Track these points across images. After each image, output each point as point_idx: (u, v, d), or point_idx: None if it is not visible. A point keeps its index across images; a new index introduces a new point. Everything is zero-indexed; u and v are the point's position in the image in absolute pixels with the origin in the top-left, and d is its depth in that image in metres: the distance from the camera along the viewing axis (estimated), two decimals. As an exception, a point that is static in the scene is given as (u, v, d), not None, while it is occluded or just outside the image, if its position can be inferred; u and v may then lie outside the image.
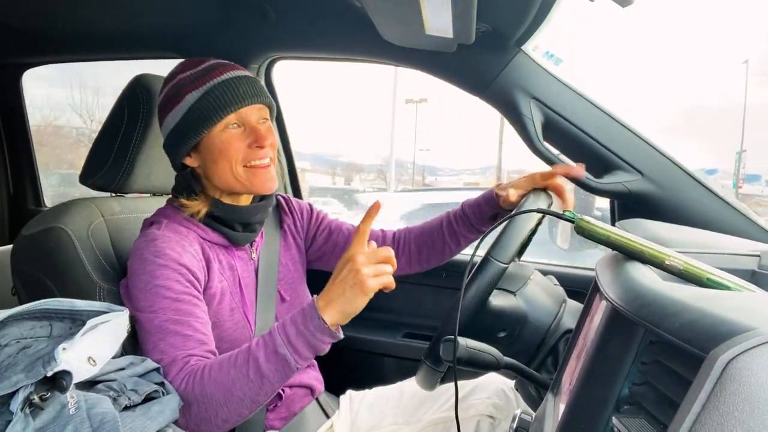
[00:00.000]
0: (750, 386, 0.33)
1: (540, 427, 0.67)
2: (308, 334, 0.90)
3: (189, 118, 1.07)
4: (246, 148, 1.08)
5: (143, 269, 1.02)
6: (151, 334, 0.98)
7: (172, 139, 1.11)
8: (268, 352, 0.91)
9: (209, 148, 1.09)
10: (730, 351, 0.35)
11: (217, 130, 1.07)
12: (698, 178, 1.25)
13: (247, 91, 1.07)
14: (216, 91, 1.06)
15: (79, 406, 0.75)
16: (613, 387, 0.47)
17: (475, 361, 0.89)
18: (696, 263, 0.58)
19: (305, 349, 0.91)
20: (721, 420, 0.34)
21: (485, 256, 0.98)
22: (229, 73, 1.09)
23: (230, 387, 0.90)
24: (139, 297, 1.01)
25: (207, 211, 1.12)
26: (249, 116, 1.09)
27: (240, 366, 0.91)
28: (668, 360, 0.43)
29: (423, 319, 1.73)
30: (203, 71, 1.09)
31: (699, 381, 0.36)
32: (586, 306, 0.74)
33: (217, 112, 1.05)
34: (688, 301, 0.42)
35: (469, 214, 1.31)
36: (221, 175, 1.10)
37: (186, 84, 1.08)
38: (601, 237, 0.66)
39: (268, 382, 0.91)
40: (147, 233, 1.07)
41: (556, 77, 1.31)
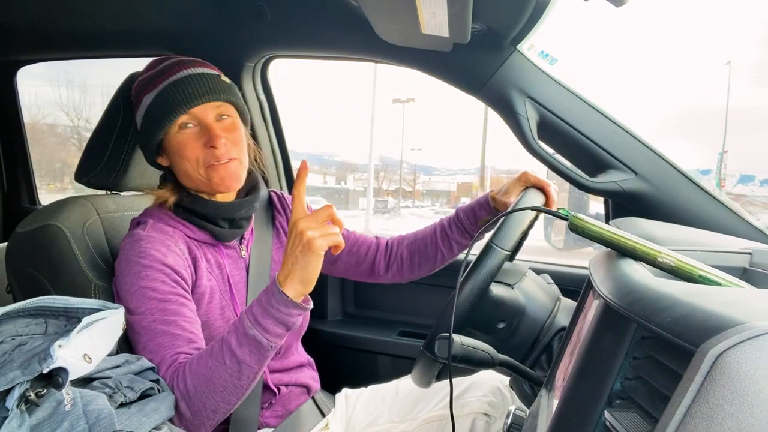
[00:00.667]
0: (739, 379, 0.34)
1: (534, 423, 0.68)
2: (273, 310, 0.89)
3: (145, 121, 1.08)
4: (202, 147, 1.07)
5: (128, 270, 1.02)
6: (140, 335, 0.99)
7: (140, 141, 1.13)
8: (239, 335, 0.90)
9: (170, 149, 1.09)
10: (719, 345, 0.35)
11: (173, 131, 1.07)
12: (691, 177, 1.26)
13: (198, 89, 1.05)
14: (166, 92, 1.05)
15: (74, 402, 0.75)
16: (605, 382, 0.47)
17: (470, 358, 0.89)
18: (688, 260, 0.58)
19: (274, 326, 0.90)
20: (710, 413, 0.35)
21: (488, 243, 0.99)
22: (182, 72, 1.06)
23: (210, 377, 0.90)
24: (127, 298, 1.01)
25: (175, 201, 1.11)
26: (204, 115, 1.07)
27: (216, 355, 0.91)
28: (660, 355, 0.43)
29: (418, 318, 1.74)
30: (158, 72, 1.08)
31: (689, 374, 0.36)
32: (579, 303, 0.74)
33: (167, 113, 1.04)
34: (678, 296, 0.42)
35: (464, 220, 1.32)
36: (185, 174, 1.10)
37: (143, 87, 1.09)
38: (594, 234, 0.67)
39: (246, 365, 0.90)
40: (132, 234, 1.07)
41: (551, 77, 1.32)
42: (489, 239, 1.01)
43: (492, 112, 1.37)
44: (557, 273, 1.57)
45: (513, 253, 1.23)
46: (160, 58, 1.12)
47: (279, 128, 1.81)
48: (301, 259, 0.88)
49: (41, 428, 0.72)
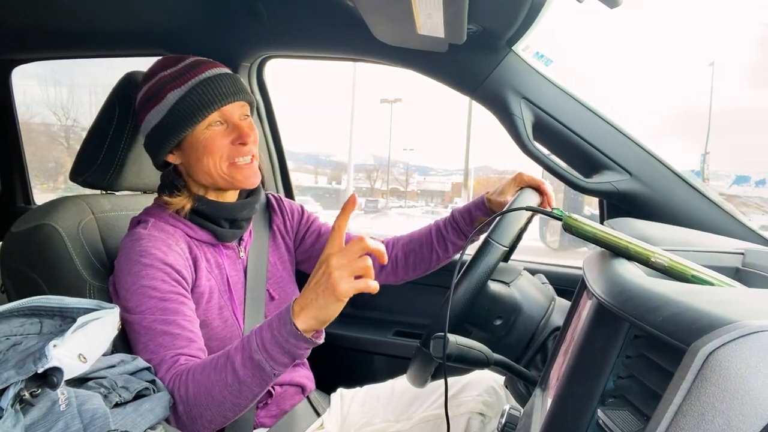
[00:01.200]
0: (730, 377, 0.34)
1: (528, 422, 0.68)
2: (282, 340, 0.86)
3: (172, 117, 1.07)
4: (229, 144, 1.09)
5: (129, 269, 1.02)
6: (140, 334, 0.99)
7: (155, 137, 1.11)
8: (244, 356, 0.89)
9: (193, 146, 1.09)
10: (711, 343, 0.36)
11: (201, 128, 1.08)
12: (686, 178, 1.27)
13: (230, 88, 1.08)
14: (199, 90, 1.06)
15: (69, 402, 0.75)
16: (598, 381, 0.47)
17: (465, 358, 0.90)
18: (681, 260, 0.59)
19: (280, 355, 0.87)
20: (701, 410, 0.35)
21: (485, 239, 0.99)
22: (210, 70, 1.09)
23: (211, 390, 0.90)
24: (127, 297, 1.01)
25: (191, 207, 1.12)
26: (232, 113, 1.09)
27: (219, 369, 0.90)
28: (652, 353, 0.44)
29: (414, 317, 1.74)
30: (184, 69, 1.09)
31: (681, 373, 0.36)
32: (573, 303, 0.75)
33: (200, 110, 1.06)
34: (670, 295, 0.43)
35: (459, 220, 1.32)
36: (206, 171, 1.10)
37: (167, 82, 1.08)
38: (588, 234, 0.67)
39: (246, 387, 0.89)
40: (133, 233, 1.07)
41: (546, 77, 1.32)
42: (486, 235, 1.02)
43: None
44: (552, 273, 1.57)
45: (508, 253, 1.23)
46: (176, 57, 1.12)
47: (275, 129, 1.81)
48: (322, 299, 0.84)
49: (36, 428, 0.72)
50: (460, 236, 1.32)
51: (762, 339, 0.35)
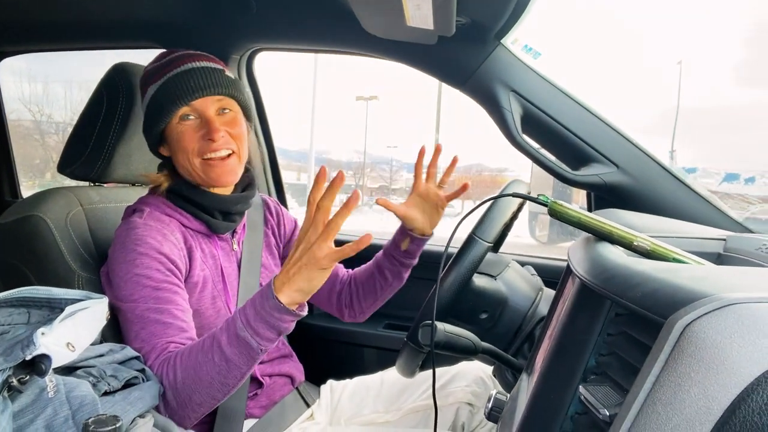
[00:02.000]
0: (705, 348, 0.35)
1: (514, 406, 0.69)
2: (266, 314, 0.87)
3: (149, 111, 1.10)
4: (200, 139, 1.08)
5: (124, 257, 1.02)
6: (132, 323, 0.99)
7: (144, 130, 1.14)
8: (230, 335, 0.89)
9: (170, 140, 1.11)
10: (687, 316, 0.37)
11: (174, 122, 1.08)
12: (671, 170, 1.29)
13: (201, 82, 1.06)
14: (170, 84, 1.07)
15: (58, 389, 0.75)
16: (580, 359, 0.48)
17: (453, 345, 0.91)
18: (663, 244, 0.60)
19: (266, 330, 0.88)
20: (678, 380, 0.36)
21: (469, 235, 1.00)
22: (187, 64, 1.08)
23: (198, 372, 0.90)
24: (120, 285, 1.01)
25: (168, 186, 1.12)
26: (205, 108, 1.08)
27: (206, 350, 0.90)
28: (632, 330, 0.45)
29: (404, 311, 1.74)
30: (164, 63, 1.10)
31: (658, 345, 0.37)
32: (559, 289, 0.76)
33: (169, 104, 1.06)
34: (649, 273, 0.44)
35: (388, 246, 1.27)
36: (182, 165, 1.11)
37: (149, 77, 1.10)
38: (573, 219, 0.68)
39: (234, 365, 0.89)
40: (128, 221, 1.07)
41: (534, 70, 1.33)
42: (471, 231, 1.03)
43: (467, 109, 1.39)
44: (541, 265, 1.58)
45: (496, 245, 1.24)
46: (167, 51, 1.13)
47: (265, 123, 1.81)
48: (305, 271, 0.85)
49: (24, 414, 0.72)
50: (393, 262, 1.26)
51: (736, 311, 0.36)
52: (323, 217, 0.83)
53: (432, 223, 1.23)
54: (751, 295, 0.37)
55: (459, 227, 0.91)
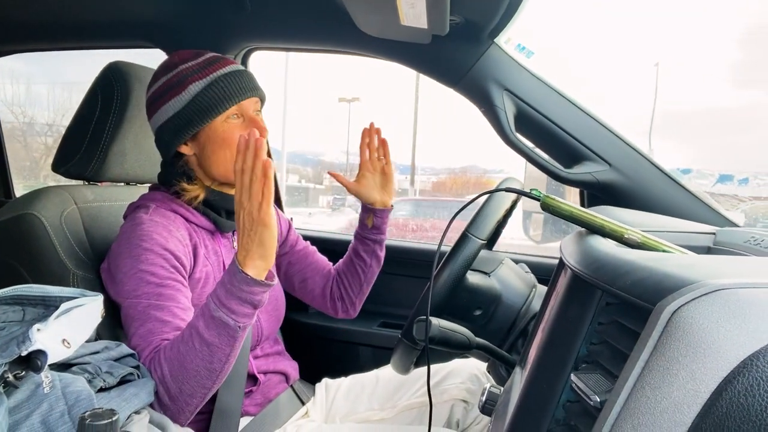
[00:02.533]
0: (693, 333, 0.36)
1: (507, 398, 0.70)
2: (236, 290, 0.89)
3: (193, 107, 1.09)
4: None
5: (129, 252, 1.02)
6: (133, 319, 0.99)
7: (171, 126, 1.11)
8: (206, 319, 0.90)
9: (211, 138, 1.11)
10: (675, 302, 0.37)
11: (220, 120, 1.10)
12: (662, 168, 1.30)
13: (248, 84, 1.12)
14: (221, 83, 1.09)
15: (53, 385, 0.75)
16: (572, 348, 0.49)
17: (448, 341, 0.91)
18: (652, 237, 0.61)
19: (240, 306, 0.90)
20: (666, 365, 0.37)
21: (463, 233, 1.01)
22: (230, 66, 1.13)
23: (183, 362, 0.91)
24: (124, 281, 1.01)
25: (204, 197, 1.14)
26: (248, 108, 1.13)
27: (186, 340, 0.91)
28: (623, 318, 0.45)
29: (399, 309, 1.75)
30: (206, 62, 1.12)
31: (647, 331, 0.38)
32: (551, 283, 0.76)
33: (222, 102, 1.09)
34: (638, 261, 0.44)
35: (356, 229, 1.36)
36: (221, 163, 1.12)
37: (189, 74, 1.10)
38: (565, 213, 0.69)
39: (216, 348, 0.90)
40: (134, 217, 1.07)
41: (527, 70, 1.35)
42: (465, 228, 1.04)
43: (460, 109, 1.40)
44: (535, 263, 1.59)
45: (490, 242, 1.25)
46: (194, 51, 1.14)
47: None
48: (254, 235, 0.88)
49: (20, 410, 0.72)
50: (365, 242, 1.35)
51: (723, 296, 0.37)
52: (247, 179, 0.87)
53: (387, 191, 1.34)
54: (737, 281, 0.37)
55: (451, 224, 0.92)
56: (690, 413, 0.35)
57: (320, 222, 10.62)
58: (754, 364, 0.34)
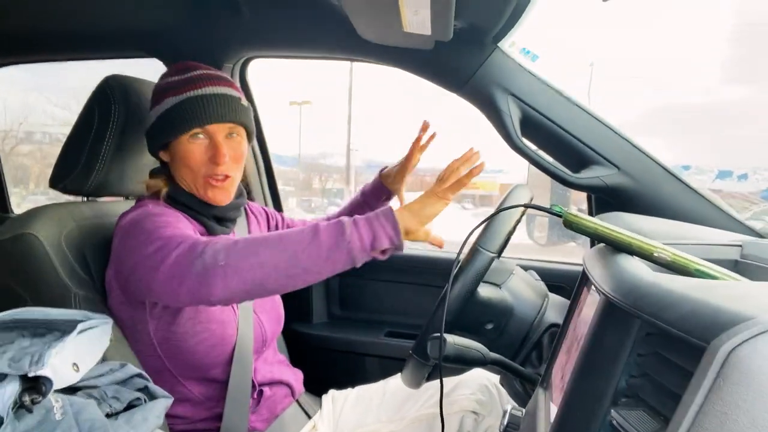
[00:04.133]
0: (752, 375, 0.34)
1: (532, 423, 0.67)
2: (374, 217, 0.94)
3: (162, 121, 1.11)
4: (206, 161, 1.11)
5: (147, 237, 0.99)
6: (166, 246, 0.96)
7: (148, 134, 1.16)
8: (330, 225, 0.93)
9: (176, 152, 1.13)
10: (731, 341, 0.35)
11: (185, 138, 1.10)
12: (673, 171, 1.28)
13: (219, 110, 1.10)
14: (190, 103, 1.09)
15: (65, 411, 0.72)
16: (609, 380, 0.47)
17: (463, 358, 0.89)
18: (683, 254, 0.58)
19: (366, 230, 0.92)
20: (724, 409, 0.34)
21: (474, 246, 0.99)
22: (209, 87, 1.11)
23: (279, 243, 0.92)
24: (148, 241, 0.98)
25: (167, 192, 1.14)
26: (216, 131, 1.11)
27: (301, 231, 0.94)
28: (667, 351, 0.43)
29: (405, 318, 1.73)
30: (186, 80, 1.11)
31: (701, 371, 0.36)
32: (573, 299, 0.74)
33: (185, 122, 1.09)
34: (684, 292, 0.42)
35: (369, 199, 1.42)
36: (183, 179, 1.14)
37: (169, 88, 1.12)
38: (589, 230, 0.67)
39: (316, 247, 0.91)
40: (139, 212, 1.06)
41: (533, 74, 1.32)
42: (475, 242, 1.02)
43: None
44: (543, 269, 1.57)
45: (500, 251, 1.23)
46: (193, 65, 1.15)
47: (260, 131, 1.78)
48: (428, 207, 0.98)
49: (30, 436, 0.69)
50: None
51: (783, 334, 0.34)
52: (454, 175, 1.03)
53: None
54: (798, 317, 0.35)
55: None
56: (752, 462, 0.33)
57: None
58: (821, 410, 0.31)
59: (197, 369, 1.12)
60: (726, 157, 3.53)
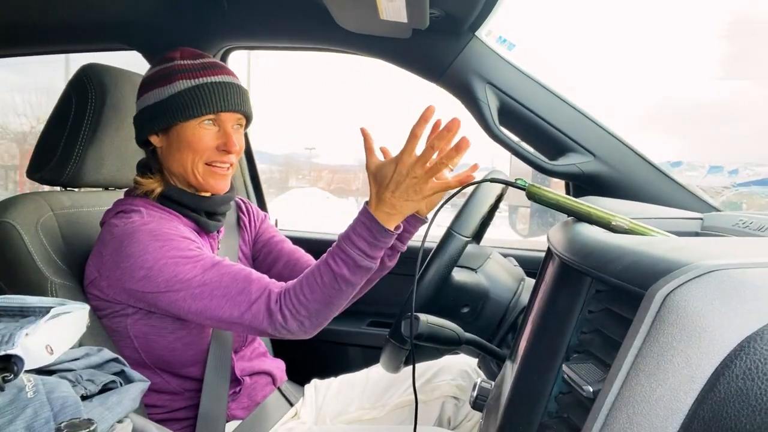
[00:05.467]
0: (687, 316, 0.35)
1: (498, 392, 0.68)
2: (380, 243, 0.97)
3: (173, 102, 1.08)
4: (214, 148, 1.10)
5: (144, 250, 0.99)
6: (200, 297, 0.98)
7: (147, 114, 1.12)
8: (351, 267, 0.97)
9: (180, 136, 1.10)
10: (667, 285, 0.36)
11: (195, 122, 1.09)
12: (647, 158, 1.30)
13: (235, 99, 1.11)
14: (208, 88, 1.08)
15: (37, 389, 0.72)
16: (562, 337, 0.48)
17: (437, 336, 0.90)
18: (641, 223, 0.60)
19: (379, 252, 0.98)
20: (660, 351, 0.35)
21: (447, 230, 1.00)
22: (224, 76, 1.12)
23: (329, 302, 0.99)
24: (151, 277, 0.99)
25: (161, 192, 1.12)
26: (227, 121, 1.11)
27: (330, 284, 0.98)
28: (614, 305, 0.44)
29: (388, 308, 1.73)
30: (201, 65, 1.11)
31: (639, 316, 0.37)
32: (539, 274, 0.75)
33: (201, 107, 1.08)
34: (628, 246, 0.43)
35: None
36: (181, 164, 1.11)
37: (182, 71, 1.10)
38: (551, 201, 0.68)
39: (357, 285, 0.99)
40: (132, 221, 1.04)
41: (509, 62, 1.34)
42: (449, 226, 1.02)
43: (446, 108, 1.38)
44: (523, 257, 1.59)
45: (477, 236, 1.24)
46: (198, 53, 1.16)
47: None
48: (411, 201, 0.94)
49: (2, 414, 0.69)
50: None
51: (716, 278, 0.36)
52: (428, 156, 0.92)
53: (430, 202, 1.09)
54: (730, 262, 0.36)
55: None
56: (687, 400, 0.34)
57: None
58: (751, 347, 0.33)
59: (174, 364, 1.11)
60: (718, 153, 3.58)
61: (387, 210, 0.95)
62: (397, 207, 0.94)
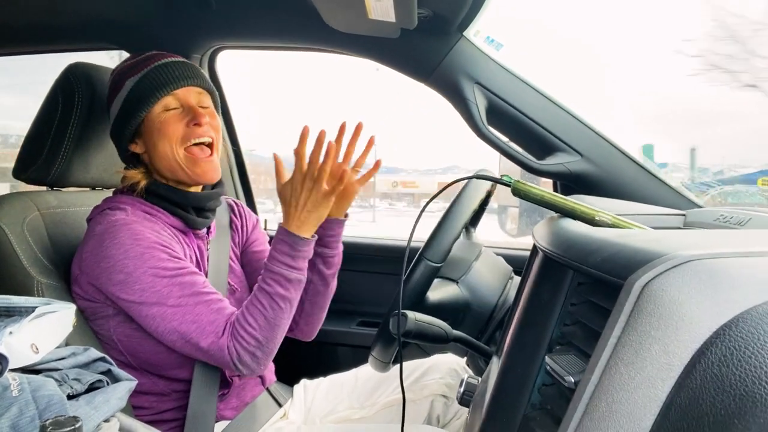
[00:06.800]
0: (665, 305, 0.35)
1: (484, 387, 0.69)
2: (302, 253, 1.04)
3: (129, 102, 1.09)
4: (184, 127, 1.09)
5: (125, 254, 1.00)
6: (167, 318, 1.00)
7: (117, 126, 1.12)
8: (283, 283, 1.03)
9: (150, 130, 1.10)
10: (646, 275, 0.37)
11: (156, 111, 1.09)
12: (633, 157, 1.31)
13: (183, 73, 1.11)
14: (153, 74, 1.09)
15: (22, 388, 0.72)
16: (545, 330, 0.48)
17: (425, 333, 0.90)
18: (624, 218, 0.61)
19: (304, 263, 1.05)
20: (639, 339, 0.36)
21: (418, 256, 1.00)
22: (167, 59, 1.12)
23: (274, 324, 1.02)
24: (130, 283, 0.99)
25: (146, 184, 1.11)
26: (187, 97, 1.11)
27: (270, 305, 1.02)
28: (595, 297, 0.45)
29: (377, 308, 1.73)
30: (143, 59, 1.12)
31: (618, 306, 0.38)
32: (525, 270, 0.76)
33: (153, 92, 1.08)
34: (608, 239, 0.44)
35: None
36: (162, 157, 1.10)
37: (126, 72, 1.11)
38: (536, 197, 0.69)
39: (294, 299, 1.05)
40: (115, 219, 1.04)
41: (497, 62, 1.34)
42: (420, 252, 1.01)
43: (443, 112, 1.39)
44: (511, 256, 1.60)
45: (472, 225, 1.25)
46: (139, 53, 1.15)
47: (231, 125, 1.78)
48: (314, 210, 1.03)
49: (-14, 414, 0.69)
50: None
51: (693, 267, 0.36)
52: (313, 168, 1.01)
53: (341, 206, 1.16)
54: (706, 252, 0.37)
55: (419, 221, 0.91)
56: (664, 387, 0.34)
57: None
58: (727, 334, 0.33)
59: (161, 367, 1.10)
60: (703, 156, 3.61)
61: (297, 223, 1.03)
62: (303, 218, 1.03)
